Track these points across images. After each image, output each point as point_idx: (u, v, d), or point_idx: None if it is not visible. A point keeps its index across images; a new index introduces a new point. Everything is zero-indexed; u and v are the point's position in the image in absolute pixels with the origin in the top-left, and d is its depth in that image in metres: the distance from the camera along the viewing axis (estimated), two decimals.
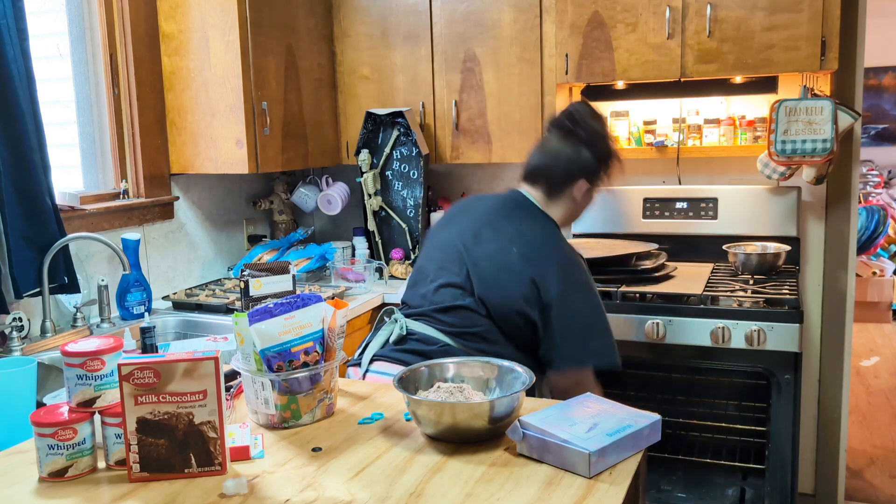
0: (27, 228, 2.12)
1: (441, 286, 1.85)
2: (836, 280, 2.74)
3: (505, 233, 1.84)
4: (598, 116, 1.93)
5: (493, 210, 1.91)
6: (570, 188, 1.89)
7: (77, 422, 1.24)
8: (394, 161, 3.08)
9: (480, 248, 1.84)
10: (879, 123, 6.83)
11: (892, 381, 4.55)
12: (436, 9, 2.92)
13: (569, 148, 1.88)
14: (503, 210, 1.90)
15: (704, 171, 3.00)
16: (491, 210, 1.91)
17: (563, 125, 1.91)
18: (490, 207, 1.92)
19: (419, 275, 1.95)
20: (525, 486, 1.17)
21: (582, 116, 1.89)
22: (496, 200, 1.95)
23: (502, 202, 1.93)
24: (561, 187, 1.89)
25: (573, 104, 1.95)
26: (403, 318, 1.86)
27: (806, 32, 2.43)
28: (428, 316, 1.84)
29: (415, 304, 1.90)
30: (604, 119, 1.95)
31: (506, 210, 1.90)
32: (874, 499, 3.10)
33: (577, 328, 1.76)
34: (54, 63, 2.47)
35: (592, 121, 1.90)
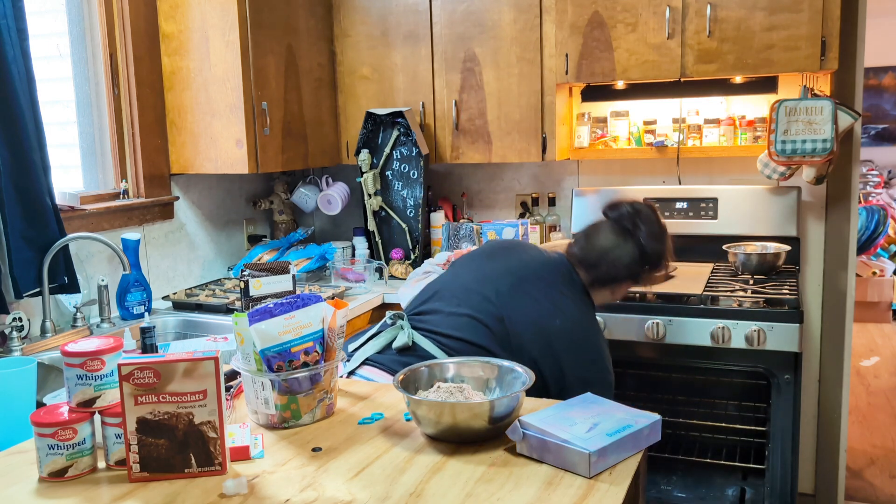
0: (27, 228, 2.12)
1: (464, 315, 1.83)
2: (836, 280, 2.73)
3: (552, 299, 1.83)
4: (662, 226, 1.92)
5: (544, 268, 1.90)
6: (609, 287, 1.92)
7: (77, 422, 1.24)
8: (394, 161, 3.08)
9: (522, 300, 1.82)
10: (879, 123, 6.83)
11: (892, 381, 4.55)
12: (436, 9, 2.92)
13: (626, 251, 1.88)
14: (554, 275, 1.89)
15: (704, 171, 3.00)
16: (543, 267, 1.90)
17: (624, 224, 1.89)
18: (541, 263, 1.91)
19: (442, 291, 1.92)
20: (525, 486, 1.17)
21: (647, 224, 1.88)
22: (547, 260, 1.93)
23: (555, 266, 1.91)
24: (603, 285, 1.92)
25: (640, 204, 1.92)
26: (410, 328, 1.84)
27: (806, 32, 2.43)
28: (439, 335, 1.82)
29: (425, 318, 1.88)
30: (666, 229, 1.92)
31: (556, 277, 1.89)
32: (874, 499, 3.10)
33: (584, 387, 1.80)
34: (54, 63, 2.47)
35: (656, 229, 1.89)
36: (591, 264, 1.90)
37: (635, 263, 1.89)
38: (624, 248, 1.88)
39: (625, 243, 1.88)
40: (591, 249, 1.90)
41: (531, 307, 1.82)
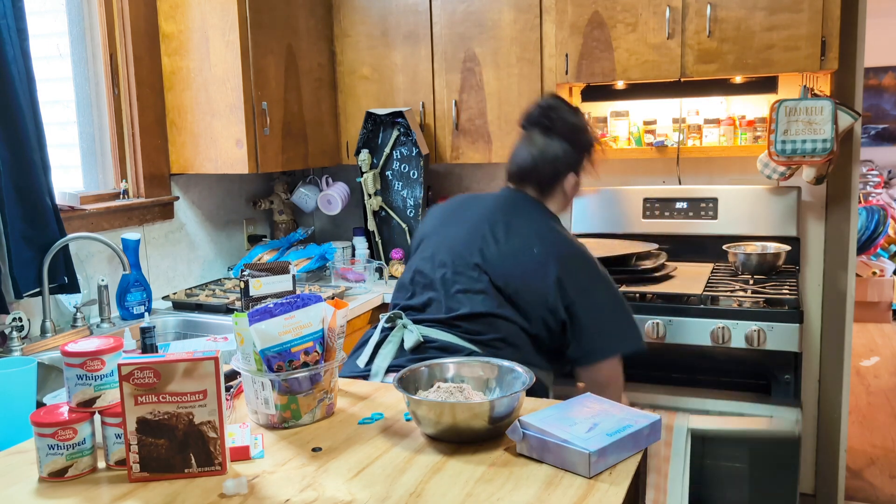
0: (27, 228, 2.12)
1: (459, 292, 1.79)
2: (836, 280, 2.74)
3: (520, 233, 1.81)
4: (573, 109, 1.94)
5: (499, 210, 1.87)
6: (559, 184, 1.91)
7: (77, 422, 1.24)
8: (394, 161, 3.08)
9: (498, 250, 1.80)
10: (879, 123, 6.83)
11: (892, 381, 4.55)
12: (436, 9, 2.92)
13: (552, 146, 1.88)
14: (510, 209, 1.87)
15: (704, 171, 3.00)
16: (496, 210, 1.87)
17: (541, 123, 1.90)
18: (494, 207, 1.89)
19: (420, 278, 1.87)
20: (525, 486, 1.17)
21: (558, 112, 1.90)
22: (496, 200, 1.91)
23: (505, 201, 1.90)
24: (551, 185, 1.90)
25: (545, 99, 1.94)
26: (413, 324, 1.79)
27: (806, 32, 2.43)
28: (446, 323, 1.77)
29: (422, 309, 1.83)
30: (578, 110, 1.95)
31: (512, 209, 1.87)
32: (874, 499, 3.10)
33: (604, 321, 1.77)
34: (54, 63, 2.47)
35: (569, 114, 1.91)
36: (530, 174, 1.89)
37: (568, 152, 1.89)
38: (550, 143, 1.88)
39: (549, 139, 1.89)
40: (524, 162, 1.89)
41: (509, 250, 1.79)
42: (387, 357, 1.76)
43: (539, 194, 1.91)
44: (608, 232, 3.00)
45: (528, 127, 1.93)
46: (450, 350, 1.72)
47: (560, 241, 1.81)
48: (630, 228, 2.98)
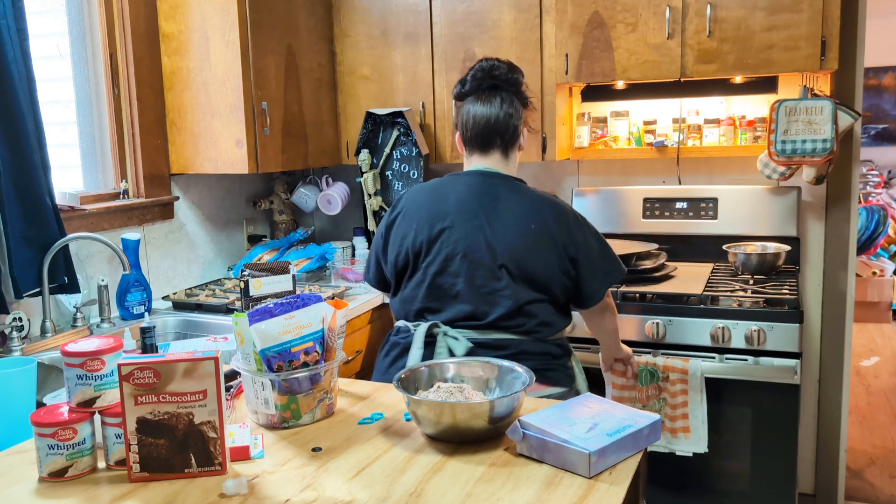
0: (27, 228, 2.12)
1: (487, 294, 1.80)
2: (836, 280, 2.74)
3: (512, 215, 1.83)
4: (514, 67, 1.95)
5: (479, 200, 1.86)
6: (518, 140, 1.95)
7: (77, 422, 1.24)
8: (394, 161, 3.08)
9: (504, 240, 1.81)
10: (879, 123, 6.83)
11: (892, 381, 4.55)
12: (436, 9, 2.92)
13: (506, 106, 1.90)
14: (490, 192, 1.86)
15: (704, 171, 3.00)
16: (478, 202, 1.86)
17: (491, 85, 1.91)
18: (474, 200, 1.86)
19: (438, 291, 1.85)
20: (525, 486, 1.17)
21: (501, 71, 1.92)
22: (471, 190, 1.88)
23: (481, 185, 1.88)
24: (513, 142, 1.94)
25: (484, 63, 1.94)
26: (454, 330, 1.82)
27: (806, 32, 2.43)
28: (488, 326, 1.81)
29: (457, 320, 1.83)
30: (516, 66, 1.97)
31: (492, 191, 1.86)
32: (874, 499, 3.10)
33: (598, 262, 1.89)
34: (54, 63, 2.47)
35: (512, 74, 1.93)
36: (496, 137, 1.91)
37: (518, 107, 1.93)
38: (505, 102, 1.91)
39: (499, 97, 1.91)
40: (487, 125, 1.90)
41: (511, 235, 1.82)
42: None
43: (503, 158, 1.93)
44: (608, 232, 3.00)
45: (478, 91, 1.92)
46: (502, 346, 1.80)
47: (545, 206, 1.86)
48: (630, 228, 2.99)
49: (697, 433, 2.38)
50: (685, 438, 2.40)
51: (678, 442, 2.40)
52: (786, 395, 2.34)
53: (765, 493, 2.41)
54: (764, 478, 2.40)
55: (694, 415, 2.38)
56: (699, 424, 2.38)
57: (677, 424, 2.40)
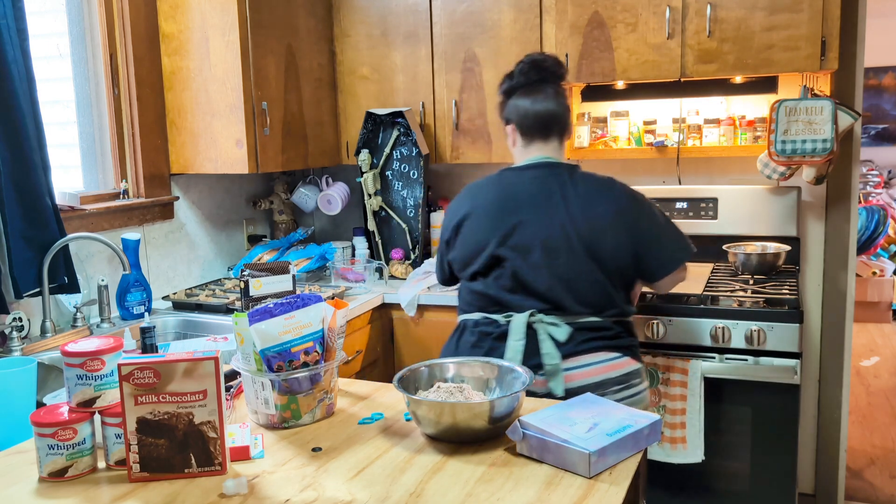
0: (27, 228, 2.12)
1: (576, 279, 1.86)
2: (836, 280, 2.74)
3: (581, 199, 1.90)
4: (558, 60, 2.02)
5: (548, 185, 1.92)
6: (570, 129, 2.03)
7: (77, 422, 1.24)
8: (394, 161, 3.08)
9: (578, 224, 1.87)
10: (879, 123, 6.83)
11: (892, 381, 4.55)
12: (436, 9, 2.92)
13: (560, 97, 1.98)
14: (558, 180, 1.92)
15: (704, 171, 3.00)
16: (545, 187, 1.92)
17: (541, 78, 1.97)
18: (540, 186, 1.92)
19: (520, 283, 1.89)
20: (525, 486, 1.17)
21: (549, 64, 1.98)
22: (536, 178, 1.94)
23: (547, 176, 1.93)
24: (568, 131, 2.02)
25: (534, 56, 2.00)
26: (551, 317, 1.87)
27: (806, 32, 2.43)
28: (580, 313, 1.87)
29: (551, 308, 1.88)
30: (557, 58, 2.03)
31: (559, 179, 1.92)
32: (874, 499, 3.10)
33: (665, 238, 1.95)
34: (54, 63, 2.47)
35: (558, 67, 2.00)
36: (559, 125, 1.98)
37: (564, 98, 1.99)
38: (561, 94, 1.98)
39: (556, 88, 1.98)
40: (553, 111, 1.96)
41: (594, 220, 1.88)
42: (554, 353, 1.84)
43: (560, 144, 2.00)
44: None
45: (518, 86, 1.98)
46: (599, 328, 1.87)
47: (610, 189, 1.93)
48: None
49: (694, 443, 2.38)
50: (682, 449, 2.39)
51: (676, 454, 2.40)
52: (786, 395, 2.34)
53: (765, 493, 2.41)
54: (764, 478, 2.40)
55: (692, 423, 2.38)
56: (696, 433, 2.37)
57: (676, 434, 2.40)
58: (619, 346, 1.87)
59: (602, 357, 1.85)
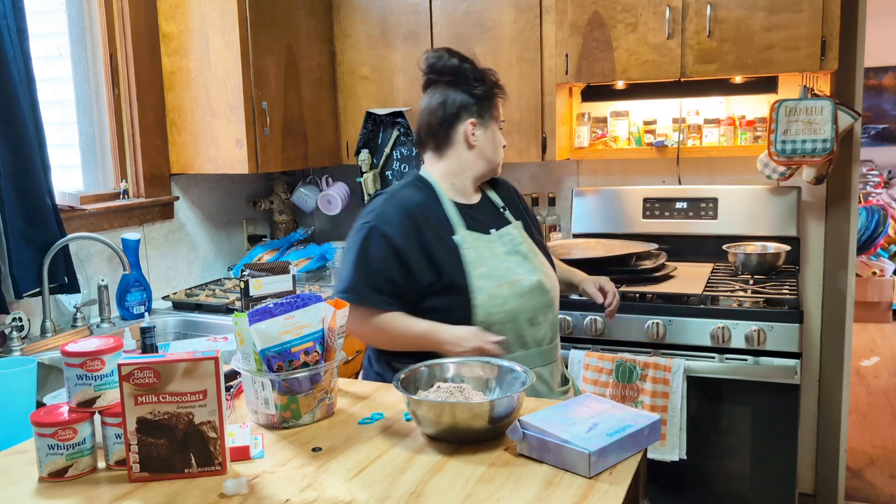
0: (27, 228, 2.12)
1: None
2: (836, 280, 2.74)
3: None
4: (455, 53, 1.79)
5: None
6: (455, 134, 1.77)
7: (77, 422, 1.24)
8: (394, 161, 3.08)
9: None
10: (879, 123, 6.83)
11: (892, 381, 4.55)
12: (436, 9, 2.92)
13: (437, 97, 1.77)
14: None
15: (704, 171, 3.00)
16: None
17: (428, 81, 1.80)
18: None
19: None
20: (525, 486, 1.17)
21: (440, 61, 1.77)
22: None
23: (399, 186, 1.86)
24: (447, 137, 1.77)
25: (428, 56, 1.80)
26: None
27: (806, 32, 2.43)
28: None
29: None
30: (464, 54, 1.80)
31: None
32: (874, 499, 3.10)
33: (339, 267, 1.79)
34: (54, 63, 2.47)
35: (450, 60, 1.77)
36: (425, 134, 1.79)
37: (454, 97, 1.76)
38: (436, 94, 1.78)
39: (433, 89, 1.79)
40: (419, 121, 1.79)
41: None
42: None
43: (436, 154, 1.80)
44: (608, 232, 3.00)
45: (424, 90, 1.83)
46: None
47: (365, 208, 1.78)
48: (630, 228, 2.98)
49: (673, 441, 2.36)
50: (660, 446, 2.39)
51: (653, 450, 2.37)
52: (786, 395, 2.34)
53: (765, 493, 2.41)
54: (764, 478, 2.40)
55: (672, 422, 2.36)
56: (676, 432, 2.36)
57: None
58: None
59: None
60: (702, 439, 2.44)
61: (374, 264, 1.70)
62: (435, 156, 1.81)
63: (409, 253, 1.70)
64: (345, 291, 1.71)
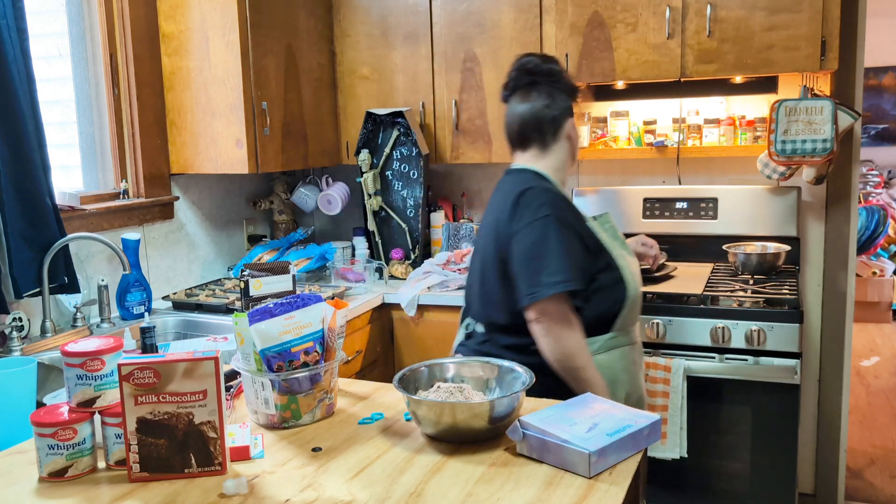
0: (27, 228, 2.12)
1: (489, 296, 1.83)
2: (836, 280, 2.74)
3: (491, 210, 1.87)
4: (546, 57, 1.92)
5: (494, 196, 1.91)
6: (561, 131, 1.88)
7: (77, 422, 1.24)
8: (394, 161, 3.08)
9: (478, 239, 1.91)
10: (879, 123, 6.83)
11: (892, 381, 4.55)
12: (436, 9, 2.92)
13: (542, 98, 1.86)
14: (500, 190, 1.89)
15: (704, 171, 3.00)
16: (493, 198, 1.91)
17: (523, 82, 1.89)
18: (493, 197, 1.92)
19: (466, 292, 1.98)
20: (525, 486, 1.17)
21: (536, 66, 1.88)
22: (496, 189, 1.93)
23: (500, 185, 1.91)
24: (555, 134, 1.87)
25: (520, 60, 1.91)
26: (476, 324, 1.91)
27: (806, 32, 2.43)
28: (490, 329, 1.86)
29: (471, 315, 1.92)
30: (550, 56, 1.94)
31: (502, 188, 1.88)
32: (874, 499, 3.10)
33: (525, 263, 1.70)
34: (54, 63, 2.47)
35: (546, 65, 1.89)
36: (531, 133, 1.86)
37: (560, 99, 1.87)
38: (541, 96, 1.86)
39: (537, 92, 1.86)
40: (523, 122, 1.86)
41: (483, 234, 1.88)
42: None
43: (541, 151, 1.87)
44: None
45: (514, 90, 1.90)
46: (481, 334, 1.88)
47: (508, 197, 1.78)
48: (630, 228, 2.98)
49: (674, 439, 2.37)
50: (661, 444, 2.39)
51: (653, 448, 2.38)
52: (786, 395, 2.34)
53: (765, 493, 2.41)
54: (764, 478, 2.40)
55: (673, 421, 2.36)
56: (677, 430, 2.36)
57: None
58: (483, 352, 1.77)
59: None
60: (702, 439, 2.43)
61: (573, 251, 1.72)
62: (539, 152, 1.88)
63: (585, 237, 1.78)
64: (566, 281, 1.66)
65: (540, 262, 1.68)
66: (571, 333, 1.68)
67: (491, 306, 1.82)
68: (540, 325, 1.67)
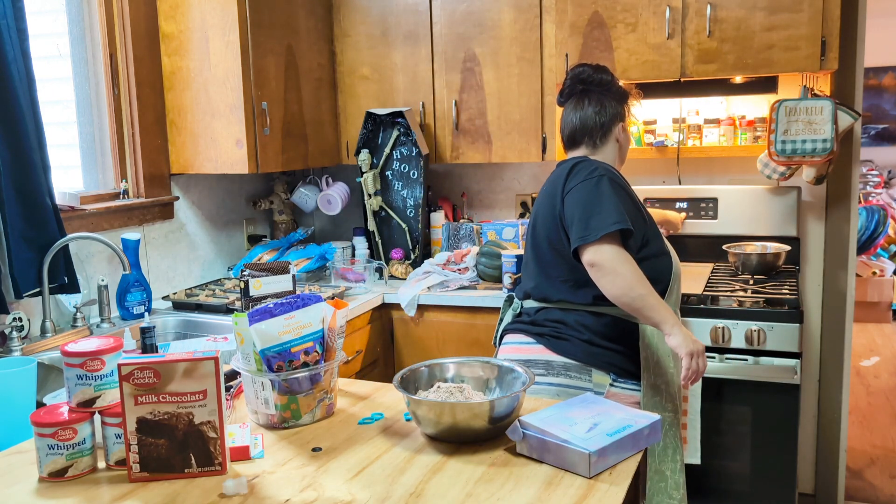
0: (27, 228, 2.12)
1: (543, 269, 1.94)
2: (836, 280, 2.74)
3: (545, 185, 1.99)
4: (600, 68, 2.05)
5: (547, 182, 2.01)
6: (610, 136, 2.01)
7: (77, 422, 1.24)
8: (394, 161, 3.08)
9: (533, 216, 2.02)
10: (879, 123, 6.83)
11: (892, 381, 4.55)
12: (436, 9, 2.92)
13: (593, 105, 2.00)
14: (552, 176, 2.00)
15: (704, 171, 3.00)
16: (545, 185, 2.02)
17: (577, 90, 2.04)
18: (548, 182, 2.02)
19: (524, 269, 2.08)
20: (525, 486, 1.17)
21: (589, 76, 2.03)
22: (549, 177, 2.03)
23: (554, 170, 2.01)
24: (604, 139, 2.00)
25: (574, 70, 2.07)
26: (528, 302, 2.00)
27: (806, 32, 2.43)
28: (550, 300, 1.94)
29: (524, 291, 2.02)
30: (603, 67, 2.07)
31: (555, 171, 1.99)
32: (874, 499, 3.10)
33: (578, 210, 1.80)
34: (54, 63, 2.47)
35: (598, 74, 2.03)
36: (582, 136, 2.01)
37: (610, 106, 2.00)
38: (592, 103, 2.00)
39: (588, 99, 2.01)
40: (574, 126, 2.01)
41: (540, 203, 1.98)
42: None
43: (590, 150, 2.01)
44: None
45: (567, 99, 2.06)
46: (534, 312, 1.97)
47: (562, 170, 1.92)
48: None
49: (694, 444, 2.37)
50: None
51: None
52: (786, 395, 2.34)
53: (765, 493, 2.41)
54: (764, 478, 2.40)
55: (692, 425, 2.37)
56: (695, 435, 2.37)
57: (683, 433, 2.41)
58: (537, 333, 1.89)
59: (515, 339, 1.93)
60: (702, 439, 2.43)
61: (625, 203, 1.82)
62: (589, 152, 2.01)
63: (636, 199, 1.92)
64: (618, 222, 1.74)
65: (592, 208, 1.78)
66: (628, 265, 1.74)
67: (546, 275, 1.91)
68: (596, 266, 1.74)
